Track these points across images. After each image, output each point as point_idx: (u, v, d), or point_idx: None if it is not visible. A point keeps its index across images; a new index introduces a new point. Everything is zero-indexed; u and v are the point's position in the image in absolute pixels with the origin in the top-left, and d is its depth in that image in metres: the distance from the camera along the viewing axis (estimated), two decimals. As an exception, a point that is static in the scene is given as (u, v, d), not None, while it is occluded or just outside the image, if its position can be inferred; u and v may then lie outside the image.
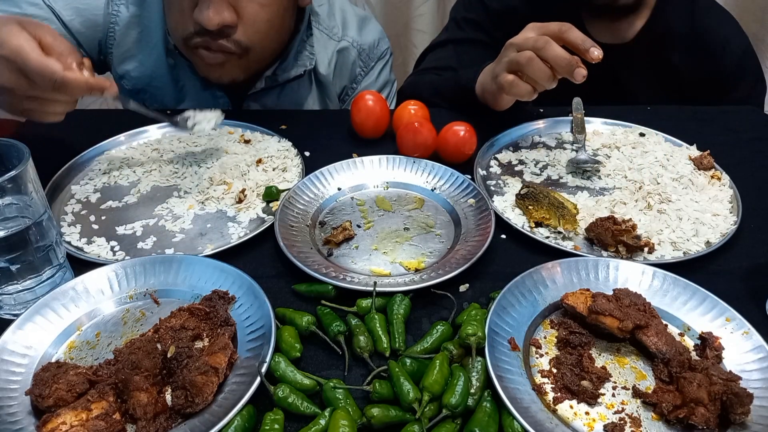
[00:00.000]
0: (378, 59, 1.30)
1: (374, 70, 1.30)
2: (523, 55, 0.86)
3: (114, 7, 1.10)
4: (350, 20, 1.25)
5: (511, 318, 0.67)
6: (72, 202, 0.89)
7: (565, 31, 0.85)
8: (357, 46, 1.25)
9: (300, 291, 0.73)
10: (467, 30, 1.28)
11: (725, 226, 0.85)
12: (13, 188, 0.64)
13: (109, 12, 1.10)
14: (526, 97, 0.90)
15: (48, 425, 0.54)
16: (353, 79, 1.28)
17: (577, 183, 0.96)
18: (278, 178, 0.94)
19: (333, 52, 1.23)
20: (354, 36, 1.25)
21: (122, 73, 1.17)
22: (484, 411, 0.57)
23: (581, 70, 0.82)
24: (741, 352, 0.64)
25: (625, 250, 0.79)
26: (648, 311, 0.65)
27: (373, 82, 1.30)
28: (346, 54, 1.24)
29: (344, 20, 1.25)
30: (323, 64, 1.22)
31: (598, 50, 0.83)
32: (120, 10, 1.10)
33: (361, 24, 1.27)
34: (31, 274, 0.69)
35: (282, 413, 0.58)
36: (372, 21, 1.30)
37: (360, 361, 0.65)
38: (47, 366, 0.60)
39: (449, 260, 0.77)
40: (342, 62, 1.25)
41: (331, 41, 1.22)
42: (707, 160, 0.98)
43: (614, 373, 0.63)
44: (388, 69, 1.34)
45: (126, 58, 1.15)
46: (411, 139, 0.97)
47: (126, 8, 1.10)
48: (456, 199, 0.89)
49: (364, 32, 1.26)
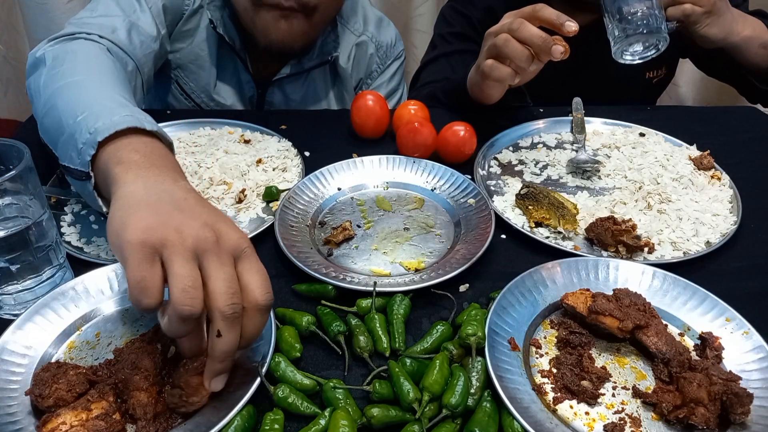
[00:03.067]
0: (395, 59, 1.33)
1: (389, 70, 1.33)
2: (500, 38, 0.87)
3: None
4: (370, 17, 1.29)
5: (511, 318, 0.67)
6: (72, 202, 0.88)
7: (538, 10, 0.86)
8: (375, 42, 1.28)
9: (300, 291, 0.73)
10: (455, 43, 1.30)
11: (725, 226, 0.85)
12: (13, 188, 0.64)
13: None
14: (509, 81, 0.91)
15: (48, 425, 0.54)
16: (369, 73, 1.31)
17: (577, 183, 0.96)
18: (278, 178, 0.94)
19: (352, 45, 1.26)
20: (373, 32, 1.28)
21: (173, 50, 1.17)
22: (484, 411, 0.57)
23: (558, 47, 0.82)
24: (741, 352, 0.64)
25: (625, 250, 0.79)
26: (648, 311, 0.65)
27: (386, 81, 1.33)
28: (364, 47, 1.27)
29: (365, 17, 1.28)
30: (343, 56, 1.25)
31: (573, 24, 0.84)
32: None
33: (379, 23, 1.30)
34: (31, 274, 0.69)
35: (282, 413, 0.58)
36: (389, 22, 1.34)
37: (360, 361, 0.65)
38: (47, 366, 0.60)
39: (449, 260, 0.77)
40: (360, 55, 1.27)
41: (352, 35, 1.26)
42: (707, 160, 0.98)
43: (614, 373, 0.63)
44: (402, 70, 1.37)
45: (183, 36, 1.16)
46: (411, 139, 0.97)
47: None
48: (456, 199, 0.89)
49: (382, 31, 1.30)
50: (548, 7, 0.86)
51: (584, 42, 0.98)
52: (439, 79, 1.25)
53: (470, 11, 1.30)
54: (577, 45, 0.88)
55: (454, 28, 1.31)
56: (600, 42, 1.01)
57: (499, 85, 0.96)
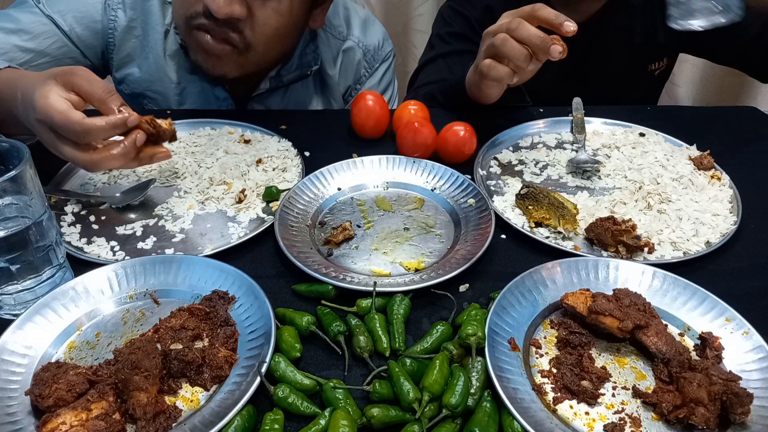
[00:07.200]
0: (382, 61, 1.30)
1: (378, 72, 1.30)
2: (498, 37, 0.87)
3: (111, 12, 1.09)
4: (354, 19, 1.25)
5: (511, 318, 0.67)
6: (72, 202, 0.89)
7: (537, 9, 0.86)
8: (362, 46, 1.25)
9: (300, 291, 0.73)
10: (453, 43, 1.29)
11: (725, 226, 0.85)
12: (13, 188, 0.64)
13: (107, 18, 1.09)
14: (507, 80, 0.91)
15: (48, 425, 0.54)
16: (357, 79, 1.28)
17: (577, 183, 0.96)
18: (278, 178, 0.94)
19: (338, 51, 1.22)
20: (359, 36, 1.24)
21: (121, 78, 1.16)
22: (484, 411, 0.57)
23: (557, 46, 0.82)
24: (741, 352, 0.64)
25: (625, 250, 0.79)
26: (648, 311, 0.65)
27: (376, 84, 1.30)
28: (351, 54, 1.24)
29: (348, 19, 1.24)
30: (329, 63, 1.22)
31: (572, 24, 0.83)
32: (117, 15, 1.10)
33: (364, 24, 1.26)
34: (31, 274, 0.69)
35: (282, 413, 0.58)
36: (375, 21, 1.30)
37: (360, 361, 0.65)
38: (47, 366, 0.60)
39: (449, 260, 0.77)
40: (347, 62, 1.25)
41: (337, 41, 1.22)
42: (707, 160, 0.98)
43: (614, 373, 0.63)
44: (391, 71, 1.34)
45: (126, 62, 1.15)
46: (411, 139, 0.97)
47: (123, 12, 1.10)
48: (456, 199, 0.89)
49: (368, 33, 1.26)
50: (547, 7, 0.86)
51: (585, 38, 0.98)
52: (437, 79, 1.25)
53: (468, 11, 1.29)
54: (578, 41, 0.88)
55: (452, 28, 1.31)
56: (600, 37, 1.01)
57: (498, 84, 0.96)
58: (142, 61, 1.14)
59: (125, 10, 1.10)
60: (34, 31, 1.03)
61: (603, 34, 0.98)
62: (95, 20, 1.09)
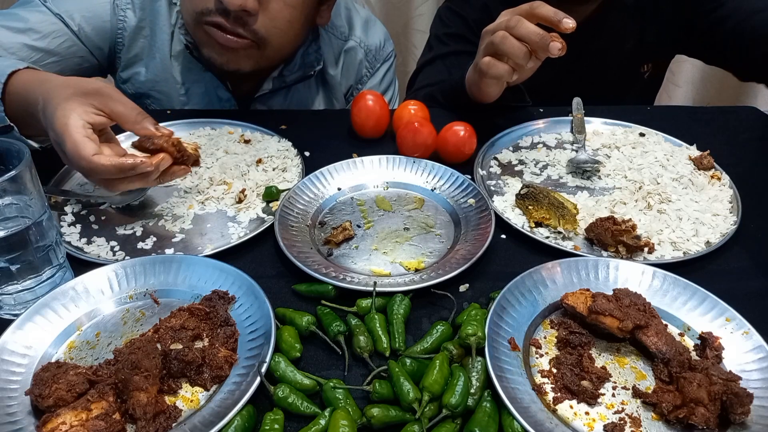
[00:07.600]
0: (383, 61, 1.30)
1: (379, 73, 1.30)
2: (497, 35, 0.87)
3: (120, 12, 1.10)
4: (355, 19, 1.25)
5: (511, 318, 0.67)
6: (72, 202, 0.88)
7: (536, 7, 0.87)
8: (364, 46, 1.25)
9: (300, 291, 0.73)
10: (451, 44, 1.29)
11: (725, 226, 0.85)
12: (13, 188, 0.64)
13: (116, 18, 1.10)
14: (507, 78, 0.91)
15: (48, 425, 0.54)
16: (359, 79, 1.29)
17: (577, 183, 0.96)
18: (278, 178, 0.94)
19: (340, 51, 1.23)
20: (360, 36, 1.25)
21: (127, 78, 1.16)
22: (484, 411, 0.57)
23: (556, 43, 0.83)
24: (741, 352, 0.64)
25: (625, 250, 0.79)
26: (648, 311, 0.65)
27: (377, 84, 1.31)
28: (353, 54, 1.24)
29: (350, 19, 1.25)
30: (331, 64, 1.22)
31: (571, 20, 0.84)
32: (127, 15, 1.10)
33: (365, 24, 1.27)
34: (31, 274, 0.69)
35: (282, 413, 0.58)
36: (376, 21, 1.31)
37: (360, 361, 0.65)
38: (47, 366, 0.60)
39: (449, 260, 0.77)
40: (349, 62, 1.25)
41: (338, 41, 1.22)
42: (707, 160, 0.98)
43: (614, 373, 0.63)
44: (392, 71, 1.34)
45: (133, 62, 1.15)
46: (411, 139, 0.97)
47: (133, 13, 1.10)
48: (456, 199, 0.89)
49: (369, 33, 1.27)
50: (545, 4, 0.87)
51: (581, 38, 0.98)
52: (436, 81, 1.24)
53: (466, 11, 1.29)
54: (574, 40, 0.88)
55: (450, 28, 1.30)
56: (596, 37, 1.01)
57: (497, 82, 0.96)
58: (149, 61, 1.14)
59: (135, 11, 1.10)
60: (43, 31, 1.03)
61: (597, 36, 0.99)
62: (104, 20, 1.09)
